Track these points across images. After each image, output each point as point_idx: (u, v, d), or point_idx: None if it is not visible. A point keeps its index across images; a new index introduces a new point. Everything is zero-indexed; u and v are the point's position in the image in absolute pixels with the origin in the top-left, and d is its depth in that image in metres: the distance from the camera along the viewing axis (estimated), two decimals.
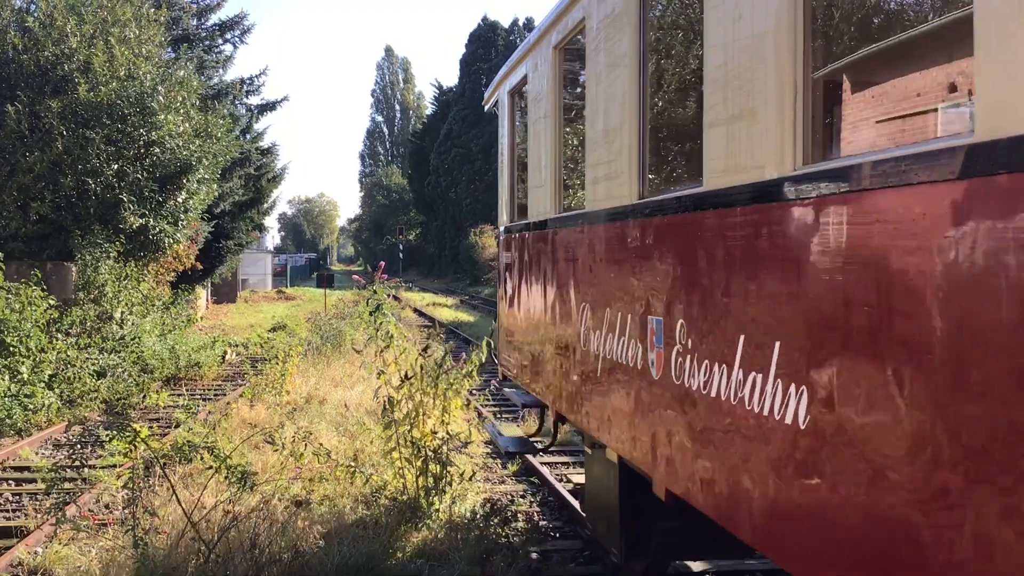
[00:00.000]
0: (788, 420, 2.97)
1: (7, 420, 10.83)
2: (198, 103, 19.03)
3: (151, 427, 6.52)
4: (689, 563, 6.34)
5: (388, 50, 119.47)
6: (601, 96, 4.99)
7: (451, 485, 7.00)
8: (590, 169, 5.21)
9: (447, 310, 36.00)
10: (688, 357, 3.76)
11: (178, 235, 18.06)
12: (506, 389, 7.84)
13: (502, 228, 8.49)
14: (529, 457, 8.78)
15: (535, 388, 6.74)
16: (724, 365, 3.43)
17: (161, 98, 16.76)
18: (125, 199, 16.19)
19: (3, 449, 9.91)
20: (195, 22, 27.09)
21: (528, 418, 11.86)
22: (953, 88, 3.32)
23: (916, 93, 3.61)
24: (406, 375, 7.05)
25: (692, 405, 3.74)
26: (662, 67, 4.88)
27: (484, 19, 73.40)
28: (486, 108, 9.31)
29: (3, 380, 11.36)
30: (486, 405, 12.30)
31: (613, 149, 4.78)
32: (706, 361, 3.59)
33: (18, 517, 7.60)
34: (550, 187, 6.06)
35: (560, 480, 8.61)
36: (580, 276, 5.34)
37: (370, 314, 7.24)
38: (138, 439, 6.00)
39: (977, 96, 2.18)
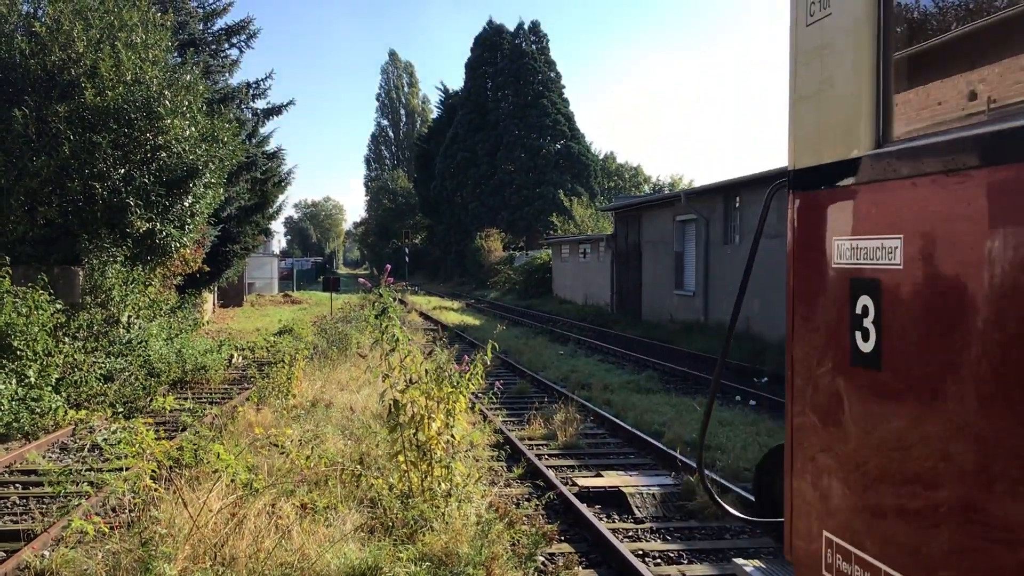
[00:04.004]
0: None
1: (14, 423, 10.89)
2: (204, 107, 19.08)
3: (158, 430, 6.53)
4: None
5: (392, 54, 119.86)
6: None
7: (456, 488, 7.01)
8: None
9: (453, 314, 36.07)
10: None
11: (185, 239, 18.10)
12: None
13: (811, 168, 3.14)
14: None
15: None
16: None
17: (168, 102, 16.81)
18: (132, 203, 16.24)
19: (10, 452, 9.95)
20: (201, 27, 27.18)
21: (533, 422, 11.85)
22: None
23: None
24: (411, 379, 7.05)
25: None
26: None
27: (489, 23, 73.47)
28: None
29: (10, 384, 11.42)
30: (491, 408, 12.30)
31: None
32: None
33: (25, 520, 7.64)
34: None
35: None
36: None
37: (375, 317, 7.24)
38: (145, 443, 6.03)
39: None
